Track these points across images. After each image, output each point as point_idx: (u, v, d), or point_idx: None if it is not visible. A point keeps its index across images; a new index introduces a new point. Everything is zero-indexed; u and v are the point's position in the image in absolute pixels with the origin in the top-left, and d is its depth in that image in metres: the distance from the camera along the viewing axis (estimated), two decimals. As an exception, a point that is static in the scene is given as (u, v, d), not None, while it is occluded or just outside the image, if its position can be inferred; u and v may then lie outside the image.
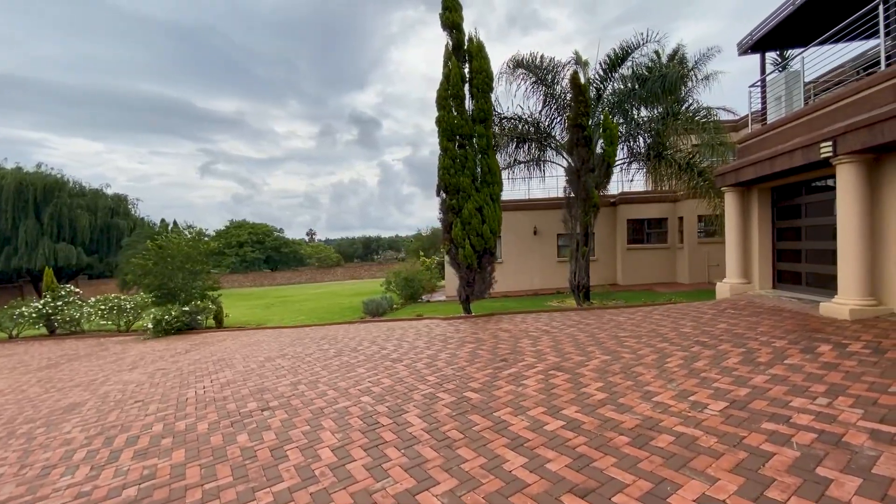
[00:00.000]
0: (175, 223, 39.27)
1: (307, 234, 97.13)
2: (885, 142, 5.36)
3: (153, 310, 13.77)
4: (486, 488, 2.78)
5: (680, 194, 18.11)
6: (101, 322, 14.60)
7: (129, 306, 14.73)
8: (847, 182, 6.06)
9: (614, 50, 13.78)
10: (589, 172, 11.14)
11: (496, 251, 11.49)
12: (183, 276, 14.76)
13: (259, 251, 57.49)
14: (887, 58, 5.97)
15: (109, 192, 39.25)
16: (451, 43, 11.54)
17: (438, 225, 11.86)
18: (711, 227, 17.81)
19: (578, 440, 3.31)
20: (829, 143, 6.10)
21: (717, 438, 3.10)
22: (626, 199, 19.44)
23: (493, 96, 11.72)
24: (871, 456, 2.69)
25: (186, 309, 13.64)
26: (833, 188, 7.28)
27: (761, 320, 6.44)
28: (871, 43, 8.72)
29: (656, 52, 13.73)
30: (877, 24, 6.09)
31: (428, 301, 19.75)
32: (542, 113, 14.54)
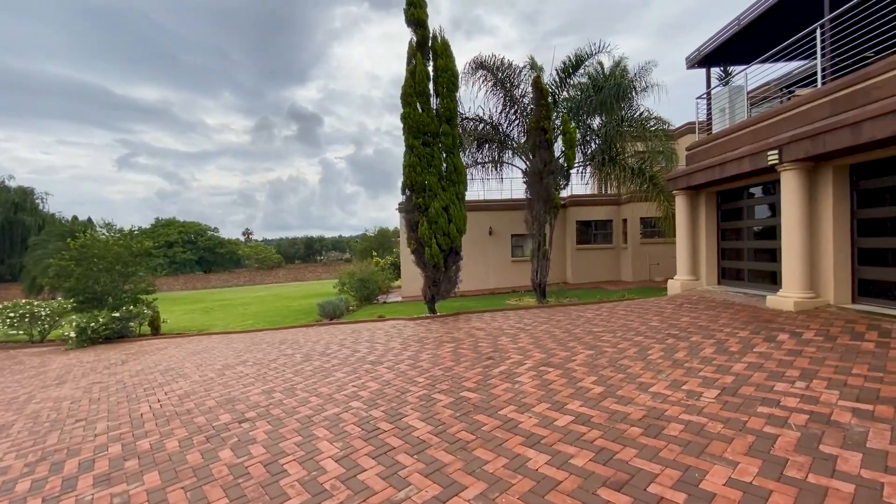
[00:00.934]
0: (90, 220, 35.23)
1: (243, 234, 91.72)
2: (825, 151, 6.00)
3: (74, 317, 12.19)
4: (518, 489, 2.69)
5: (624, 198, 19.26)
6: (10, 332, 12.68)
7: (44, 313, 12.93)
8: (790, 187, 6.72)
9: (569, 57, 14.36)
10: (550, 174, 11.47)
11: (461, 251, 11.48)
12: (111, 279, 13.23)
13: (191, 252, 53.29)
14: (822, 77, 6.70)
15: (13, 184, 34.41)
16: (415, 39, 11.37)
17: (385, 225, 11.92)
18: (653, 229, 19.14)
19: (593, 434, 3.33)
20: (776, 151, 6.72)
21: (723, 424, 3.26)
22: (576, 201, 20.32)
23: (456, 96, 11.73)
24: (860, 432, 2.95)
25: (117, 315, 12.24)
26: (771, 193, 8.06)
27: (719, 313, 6.97)
28: (796, 64, 9.77)
29: (600, 63, 14.50)
30: (814, 46, 6.82)
31: (384, 302, 19.34)
32: (502, 115, 14.79)
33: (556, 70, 14.44)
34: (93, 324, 11.60)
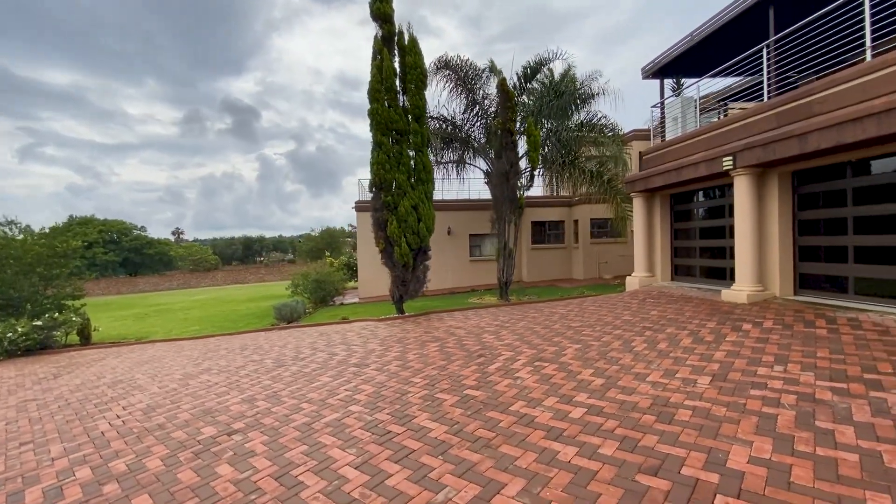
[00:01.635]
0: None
1: (173, 234, 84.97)
2: (775, 158, 6.66)
3: (-15, 327, 10.59)
4: (558, 481, 2.71)
5: (576, 199, 20.19)
6: None
7: (-57, 324, 11.10)
8: (743, 190, 7.39)
9: (529, 63, 14.80)
10: (517, 175, 11.74)
11: (430, 250, 11.42)
12: (31, 283, 11.67)
13: (114, 253, 48.40)
14: (768, 92, 7.43)
15: None
16: (380, 34, 11.15)
17: (331, 225, 11.48)
18: (603, 230, 20.21)
19: (610, 423, 3.43)
20: (731, 157, 7.36)
21: (725, 407, 3.50)
22: (530, 202, 20.91)
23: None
24: (844, 408, 3.29)
25: (39, 323, 10.81)
26: (722, 196, 8.80)
27: (682, 307, 7.50)
28: (735, 80, 10.73)
29: (550, 70, 15.10)
30: (758, 63, 7.55)
31: (342, 304, 18.75)
32: (465, 116, 14.91)
33: (517, 74, 14.81)
34: (10, 334, 10.16)
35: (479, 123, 15.21)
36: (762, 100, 7.64)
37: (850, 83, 5.80)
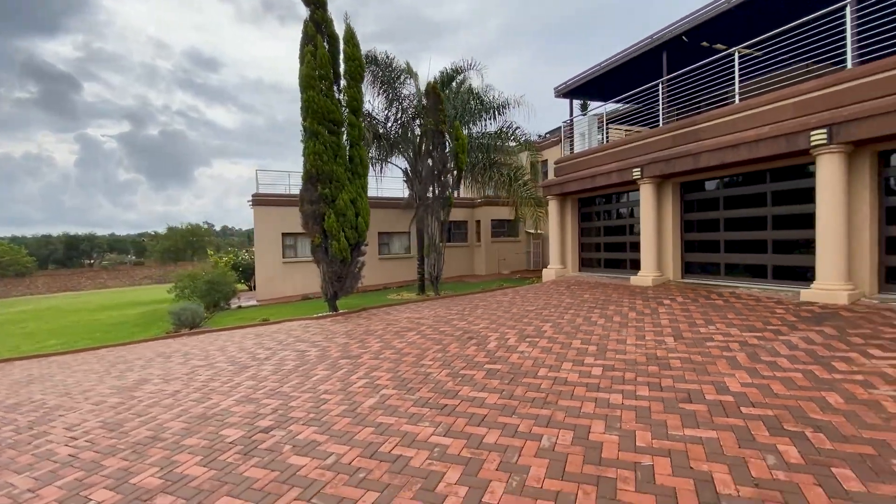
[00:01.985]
0: None
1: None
2: (673, 171, 8.51)
3: None
4: (628, 417, 3.34)
5: (478, 201, 21.75)
6: None
7: None
8: (647, 196, 9.19)
9: (446, 69, 15.60)
10: (448, 174, 12.36)
11: (366, 245, 11.29)
12: None
13: None
14: (663, 118, 9.39)
15: None
16: (313, 19, 10.69)
17: (191, 220, 10.90)
18: (502, 230, 22.13)
19: (629, 375, 4.22)
20: (639, 168, 9.11)
21: (700, 356, 4.59)
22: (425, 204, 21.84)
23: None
24: (770, 348, 4.63)
25: None
26: (620, 200, 10.71)
27: (605, 290, 8.99)
28: (627, 106, 12.96)
29: (463, 77, 16.26)
30: (655, 93, 9.50)
31: (239, 307, 16.96)
32: (386, 113, 15.01)
33: (435, 79, 15.46)
34: None
35: (397, 122, 15.42)
36: (657, 124, 9.63)
37: (725, 119, 7.81)
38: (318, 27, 10.79)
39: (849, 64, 6.41)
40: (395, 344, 6.29)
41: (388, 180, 33.44)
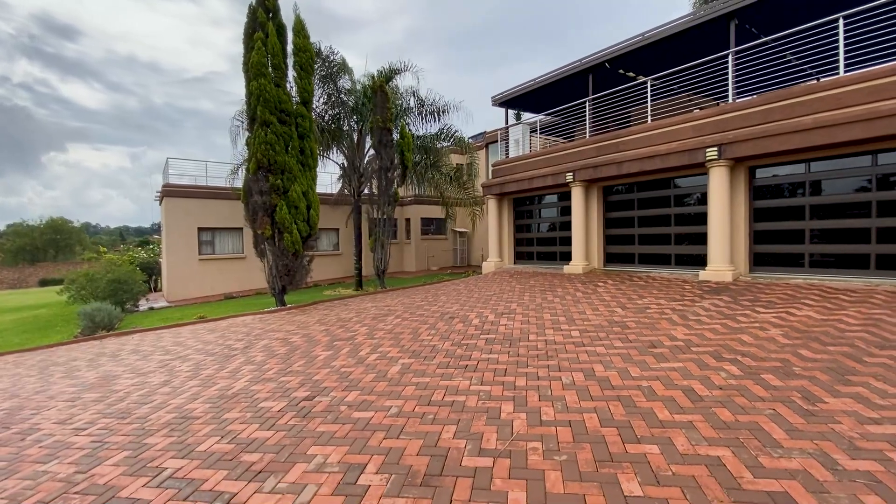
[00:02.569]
0: None
1: None
2: (599, 177, 10.10)
3: None
4: (649, 363, 4.33)
5: (407, 199, 22.31)
6: None
7: None
8: (577, 197, 10.71)
9: (385, 69, 15.97)
10: (395, 171, 12.79)
11: (316, 238, 11.21)
12: None
13: None
14: (590, 130, 11.01)
15: None
16: (264, 4, 10.43)
17: (26, 217, 10.44)
18: (430, 227, 22.96)
19: (602, 334, 5.27)
20: (572, 173, 10.58)
21: (647, 319, 5.83)
22: (362, 201, 21.90)
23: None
24: (693, 311, 6.07)
25: None
26: (552, 200, 12.21)
27: (546, 278, 10.26)
28: (541, 116, 14.57)
29: (398, 79, 16.85)
30: (582, 108, 11.10)
31: (151, 308, 15.29)
32: (325, 108, 14.89)
33: (373, 77, 15.74)
34: None
35: (335, 117, 15.38)
36: (584, 136, 11.24)
37: (642, 134, 9.54)
38: (268, 14, 10.52)
39: (730, 98, 8.41)
40: (381, 326, 6.68)
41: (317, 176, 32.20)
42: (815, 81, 9.60)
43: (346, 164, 16.04)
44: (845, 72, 7.12)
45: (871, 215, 6.83)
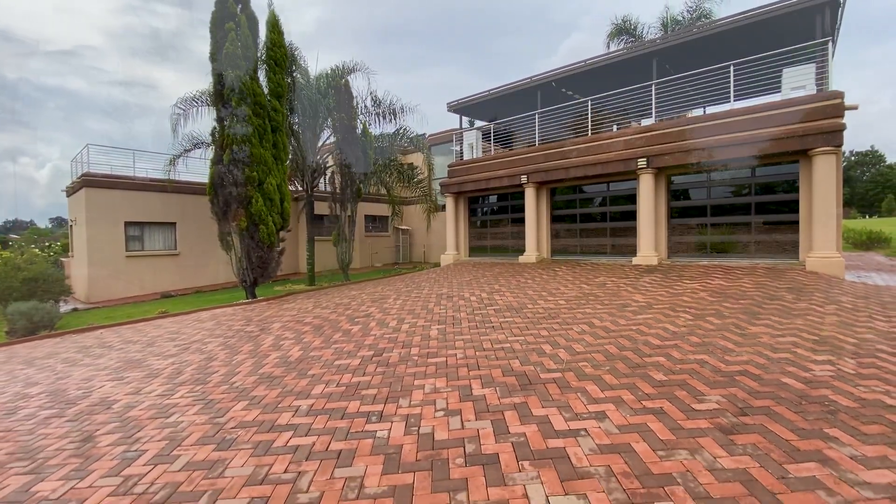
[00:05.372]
0: None
1: None
2: (549, 179, 11.79)
3: None
4: (646, 322, 5.74)
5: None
6: None
7: None
8: (530, 197, 12.32)
9: (338, 67, 16.32)
10: (359, 168, 13.33)
11: (288, 231, 11.35)
12: None
13: None
14: (539, 139, 12.69)
15: None
16: (234, -2, 10.42)
17: None
18: (374, 225, 23.41)
19: (583, 301, 6.68)
20: (525, 175, 12.16)
21: (614, 297, 7.40)
22: (314, 197, 21.72)
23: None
24: (647, 287, 7.80)
25: None
26: (505, 199, 13.75)
27: (505, 267, 11.68)
28: (492, 123, 16.12)
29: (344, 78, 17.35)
30: (532, 120, 12.78)
31: (75, 309, 13.80)
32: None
33: (326, 76, 16.02)
34: None
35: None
36: (533, 143, 12.91)
37: (585, 145, 11.40)
38: (238, 4, 10.52)
39: (653, 119, 10.55)
40: (388, 306, 7.46)
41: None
42: (701, 112, 12.30)
43: (300, 160, 16.03)
44: (735, 102, 9.52)
45: (751, 213, 9.27)
